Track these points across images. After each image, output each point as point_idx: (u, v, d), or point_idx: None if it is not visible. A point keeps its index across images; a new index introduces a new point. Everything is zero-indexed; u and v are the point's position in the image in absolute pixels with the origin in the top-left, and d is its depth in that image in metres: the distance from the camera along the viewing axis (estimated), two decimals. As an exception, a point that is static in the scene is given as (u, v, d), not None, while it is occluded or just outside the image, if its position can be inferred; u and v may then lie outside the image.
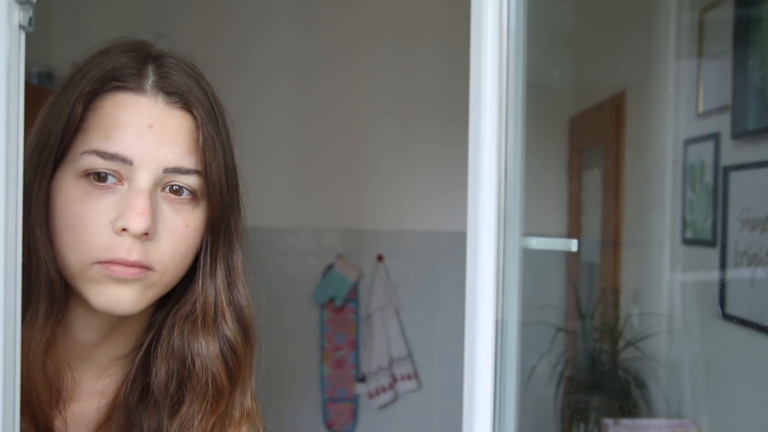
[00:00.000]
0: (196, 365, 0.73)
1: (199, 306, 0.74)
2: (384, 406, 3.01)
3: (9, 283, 0.53)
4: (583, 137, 2.62)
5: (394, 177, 3.01)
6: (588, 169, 2.63)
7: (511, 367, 0.71)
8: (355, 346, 3.03)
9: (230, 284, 0.76)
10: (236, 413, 0.76)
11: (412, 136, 2.99)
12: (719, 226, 1.64)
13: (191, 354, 0.73)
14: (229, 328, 0.74)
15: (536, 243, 0.80)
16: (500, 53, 0.67)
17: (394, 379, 2.98)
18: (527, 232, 0.75)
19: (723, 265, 1.63)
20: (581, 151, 2.67)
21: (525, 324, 0.75)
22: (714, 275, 1.69)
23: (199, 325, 0.74)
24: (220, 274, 0.75)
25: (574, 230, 2.66)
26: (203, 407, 0.73)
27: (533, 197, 0.79)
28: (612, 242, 2.29)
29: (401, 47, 2.97)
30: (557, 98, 2.60)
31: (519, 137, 0.71)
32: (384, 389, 2.97)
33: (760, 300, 1.47)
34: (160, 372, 0.74)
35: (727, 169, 1.63)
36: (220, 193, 0.71)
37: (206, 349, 0.73)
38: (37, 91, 2.32)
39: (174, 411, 0.73)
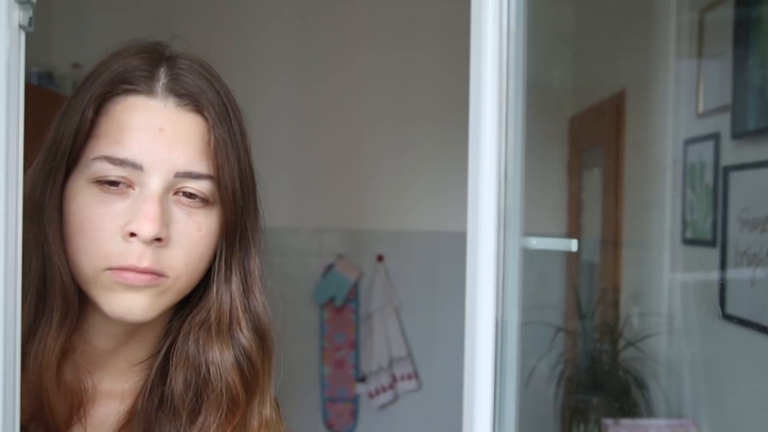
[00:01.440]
0: (211, 374, 0.71)
1: (213, 313, 0.72)
2: (384, 406, 3.01)
3: (9, 283, 0.53)
4: (583, 137, 2.62)
5: (394, 177, 3.01)
6: (588, 169, 2.63)
7: (511, 367, 0.71)
8: (355, 346, 3.03)
9: (246, 291, 0.74)
10: (255, 422, 0.74)
11: (412, 137, 2.99)
12: (719, 226, 1.64)
13: (206, 362, 0.71)
14: (245, 336, 0.73)
15: (536, 243, 0.80)
16: (500, 53, 0.67)
17: (394, 379, 2.98)
18: (527, 232, 0.75)
19: (723, 265, 1.62)
20: (581, 151, 2.67)
21: (525, 324, 0.75)
22: (714, 275, 1.69)
23: (214, 333, 0.72)
24: (236, 280, 0.73)
25: (574, 230, 2.66)
26: (218, 417, 0.71)
27: (533, 197, 0.79)
28: (612, 242, 2.29)
29: (401, 47, 2.97)
30: (557, 98, 2.60)
31: (519, 137, 0.71)
32: (384, 389, 2.97)
33: (760, 300, 1.47)
34: (177, 380, 0.72)
35: (727, 169, 1.63)
36: (233, 198, 0.69)
37: (221, 358, 0.71)
38: (37, 91, 2.32)
39: (192, 420, 0.72)
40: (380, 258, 3.01)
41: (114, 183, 0.65)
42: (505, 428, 0.70)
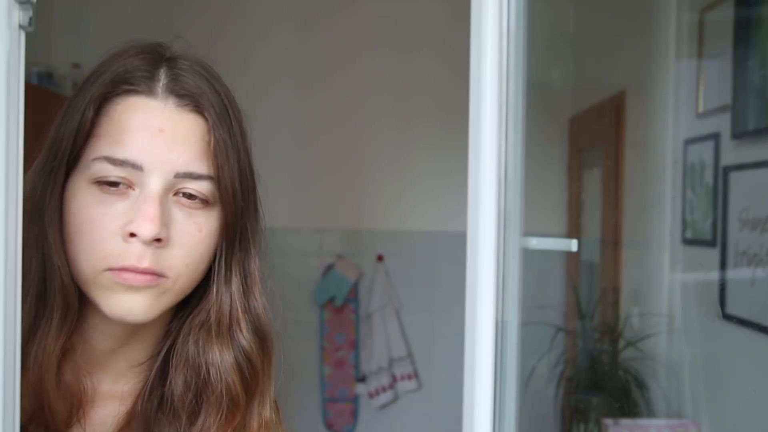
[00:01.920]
0: (211, 375, 0.71)
1: (213, 314, 0.72)
2: (384, 406, 3.01)
3: (9, 283, 0.53)
4: (583, 137, 2.62)
5: (394, 177, 3.01)
6: (588, 169, 2.63)
7: (511, 367, 0.71)
8: (355, 346, 3.03)
9: (246, 292, 0.74)
10: (254, 424, 0.74)
11: (412, 137, 2.99)
12: (719, 226, 1.64)
13: (206, 363, 0.71)
14: (245, 337, 0.73)
15: (536, 243, 0.80)
16: (500, 53, 0.67)
17: (394, 379, 2.98)
18: (527, 232, 0.75)
19: (723, 265, 1.62)
20: (581, 151, 2.67)
21: (525, 324, 0.75)
22: (714, 275, 1.69)
23: (214, 334, 0.72)
24: (236, 281, 0.73)
25: (574, 230, 2.66)
26: (218, 418, 0.71)
27: (533, 197, 0.79)
28: (612, 242, 2.29)
29: (401, 47, 2.97)
30: (557, 98, 2.60)
31: (519, 137, 0.71)
32: (384, 389, 2.97)
33: (760, 300, 1.47)
34: (177, 381, 0.72)
35: (727, 169, 1.63)
36: (233, 198, 0.69)
37: (221, 359, 0.71)
38: (37, 91, 2.32)
39: (191, 421, 0.72)
40: (380, 258, 3.01)
41: (114, 183, 0.65)
42: (505, 428, 0.70)
